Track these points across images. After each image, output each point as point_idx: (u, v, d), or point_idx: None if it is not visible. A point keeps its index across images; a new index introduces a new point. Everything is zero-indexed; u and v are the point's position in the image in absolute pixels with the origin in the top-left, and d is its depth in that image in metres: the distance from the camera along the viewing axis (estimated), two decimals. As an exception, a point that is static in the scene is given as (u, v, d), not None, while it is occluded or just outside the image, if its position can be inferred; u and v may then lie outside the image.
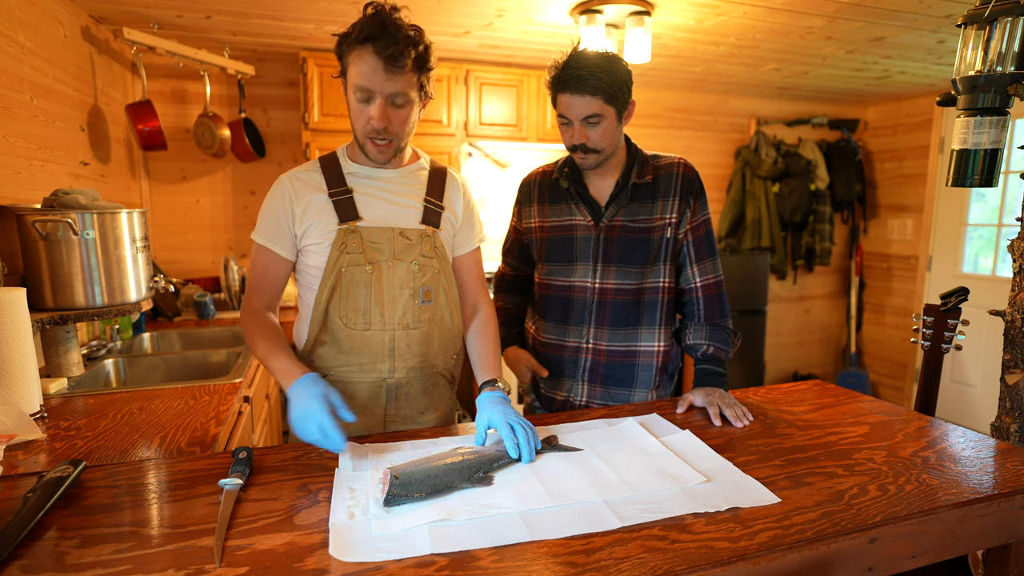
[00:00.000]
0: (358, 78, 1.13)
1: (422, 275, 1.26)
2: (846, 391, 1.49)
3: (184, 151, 3.03)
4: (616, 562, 0.76)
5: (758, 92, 3.97)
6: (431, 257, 1.28)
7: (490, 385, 1.23)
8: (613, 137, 1.37)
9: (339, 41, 1.16)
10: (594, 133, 1.33)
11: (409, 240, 1.26)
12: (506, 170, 3.62)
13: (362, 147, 1.22)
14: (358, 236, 1.22)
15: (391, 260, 1.24)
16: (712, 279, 1.47)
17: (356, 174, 1.27)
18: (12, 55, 1.78)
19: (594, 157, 1.37)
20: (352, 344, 1.24)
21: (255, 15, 2.44)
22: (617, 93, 1.31)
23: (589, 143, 1.34)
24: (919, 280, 4.15)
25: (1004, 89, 1.22)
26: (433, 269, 1.28)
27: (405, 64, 1.11)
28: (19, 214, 1.61)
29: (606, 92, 1.29)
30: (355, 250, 1.22)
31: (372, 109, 1.15)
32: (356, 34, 1.11)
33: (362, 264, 1.22)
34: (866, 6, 2.33)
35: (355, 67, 1.13)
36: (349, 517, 0.86)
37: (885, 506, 0.91)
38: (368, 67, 1.11)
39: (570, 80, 1.29)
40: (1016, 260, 1.46)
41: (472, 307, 1.40)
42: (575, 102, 1.31)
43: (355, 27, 1.12)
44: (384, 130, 1.17)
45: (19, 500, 0.89)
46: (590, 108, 1.30)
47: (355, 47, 1.12)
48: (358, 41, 1.11)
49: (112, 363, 2.00)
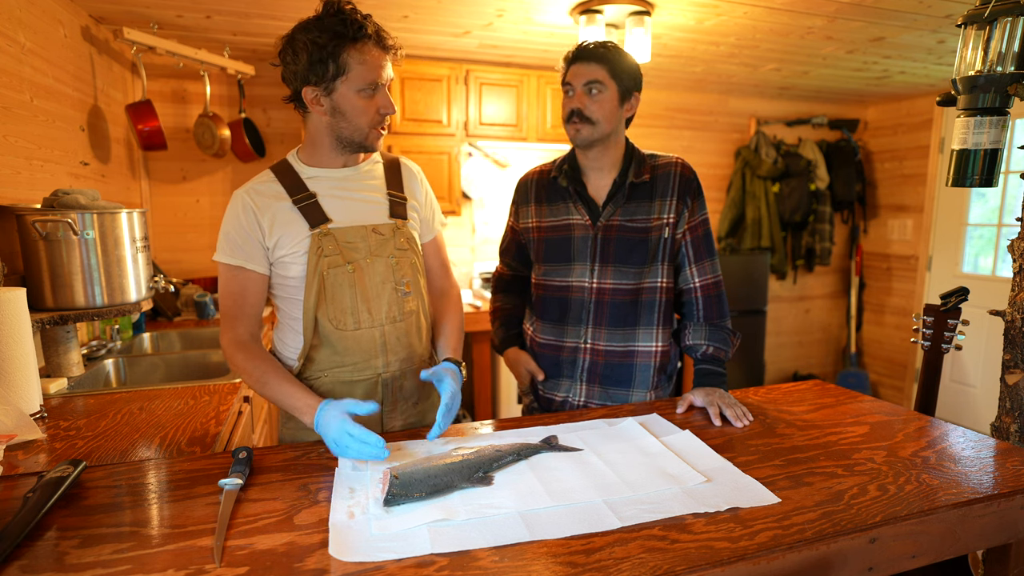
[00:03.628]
0: (370, 74, 1.14)
1: (400, 268, 1.28)
2: (846, 391, 1.49)
3: (184, 151, 3.03)
4: (616, 562, 0.76)
5: (758, 92, 3.97)
6: (405, 249, 1.29)
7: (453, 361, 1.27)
8: (611, 114, 1.38)
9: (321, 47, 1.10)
10: (592, 102, 1.37)
11: (382, 235, 1.27)
12: (506, 170, 3.62)
13: (362, 142, 1.22)
14: (332, 238, 1.21)
15: (368, 257, 1.24)
16: (711, 279, 1.47)
17: (316, 177, 1.25)
18: (12, 55, 1.78)
19: (588, 129, 1.38)
20: (345, 345, 1.24)
21: (255, 15, 2.44)
22: (621, 72, 1.37)
23: (585, 110, 1.37)
24: (919, 280, 4.15)
25: (1004, 89, 1.22)
26: (409, 260, 1.30)
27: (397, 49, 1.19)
28: (19, 214, 1.62)
29: (611, 65, 1.36)
30: (332, 252, 1.21)
31: (380, 99, 1.18)
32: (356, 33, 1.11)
33: (342, 265, 1.22)
34: (866, 6, 2.33)
35: (363, 65, 1.13)
36: (349, 517, 0.86)
37: (885, 506, 0.91)
38: (376, 61, 1.15)
39: (580, 52, 1.39)
40: (1016, 260, 1.45)
41: (439, 290, 1.44)
42: (580, 70, 1.38)
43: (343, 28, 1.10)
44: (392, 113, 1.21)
45: (19, 500, 0.89)
46: (592, 75, 1.36)
47: (358, 45, 1.12)
48: (362, 39, 1.12)
49: (112, 363, 2.00)
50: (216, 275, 3.13)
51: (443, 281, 1.45)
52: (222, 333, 1.22)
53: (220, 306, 1.23)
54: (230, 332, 1.21)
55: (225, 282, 1.22)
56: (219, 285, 1.23)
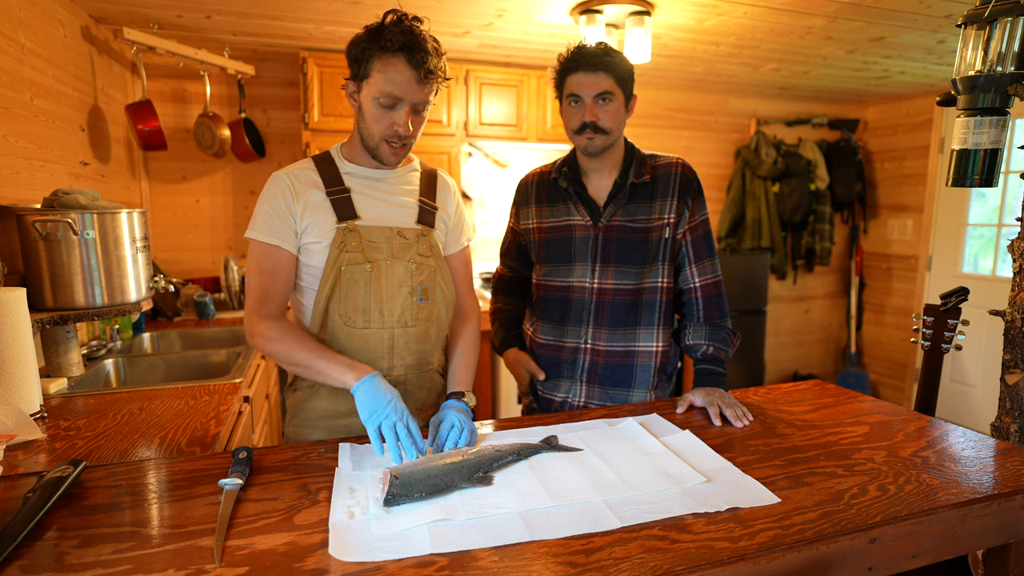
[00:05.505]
0: (388, 85, 1.14)
1: (419, 273, 1.27)
2: (846, 391, 1.49)
3: (184, 151, 3.03)
4: (616, 562, 0.76)
5: (758, 92, 3.97)
6: (428, 256, 1.29)
7: (456, 396, 1.27)
8: (620, 122, 1.39)
9: (358, 45, 1.16)
10: (605, 113, 1.36)
11: (406, 239, 1.27)
12: (506, 170, 3.62)
13: (374, 150, 1.23)
14: (357, 235, 1.23)
15: (389, 259, 1.25)
16: (711, 279, 1.47)
17: (353, 174, 1.28)
18: (12, 55, 1.78)
19: (602, 139, 1.38)
20: (352, 342, 1.25)
21: (255, 15, 2.44)
22: (625, 78, 1.37)
23: (599, 122, 1.36)
24: (919, 280, 4.15)
25: (1004, 89, 1.22)
26: (430, 268, 1.29)
27: (437, 76, 1.17)
28: (19, 214, 1.62)
29: (617, 73, 1.35)
30: (354, 249, 1.22)
31: (397, 116, 1.18)
32: (386, 42, 1.12)
33: (361, 263, 1.22)
34: (866, 6, 2.33)
35: (383, 74, 1.14)
36: (349, 517, 0.86)
37: (885, 506, 0.91)
38: (401, 76, 1.14)
39: (584, 59, 1.34)
40: (1016, 260, 1.45)
41: (458, 307, 1.42)
42: (588, 79, 1.34)
43: (380, 34, 1.13)
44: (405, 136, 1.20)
45: (19, 500, 0.89)
46: (603, 85, 1.34)
47: (385, 55, 1.13)
48: (390, 50, 1.13)
49: (112, 363, 2.00)
50: (216, 275, 3.14)
51: (463, 299, 1.43)
52: (249, 311, 1.22)
53: (249, 285, 1.23)
54: (261, 309, 1.21)
55: (257, 260, 1.22)
56: (249, 264, 1.23)
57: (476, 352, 1.40)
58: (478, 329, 1.44)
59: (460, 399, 1.25)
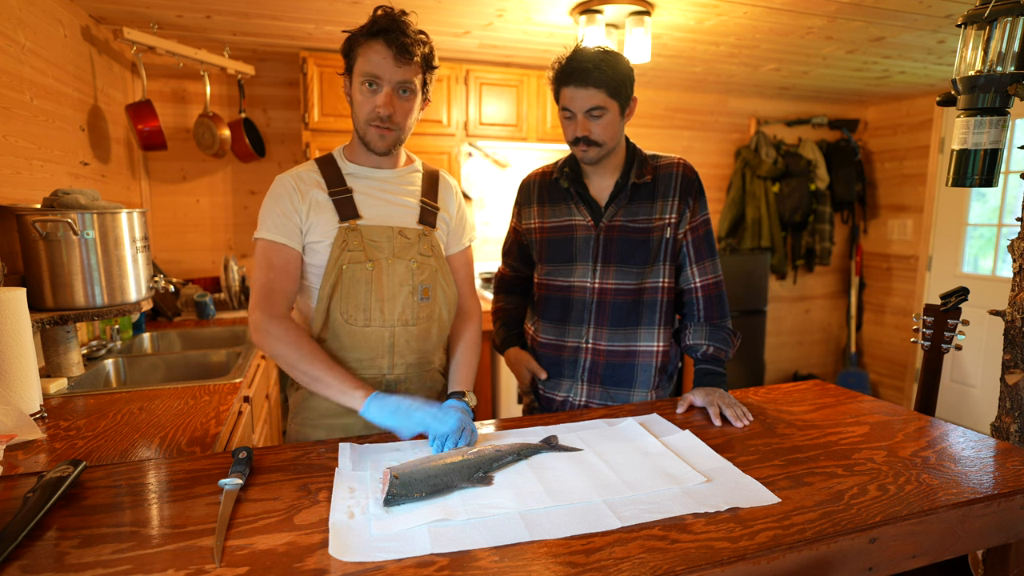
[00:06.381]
0: (367, 66, 1.18)
1: (420, 273, 1.28)
2: (846, 391, 1.49)
3: (184, 151, 3.03)
4: (616, 562, 0.76)
5: (758, 92, 3.97)
6: (429, 255, 1.30)
7: (457, 396, 1.27)
8: (615, 132, 1.38)
9: (347, 39, 1.21)
10: (597, 126, 1.34)
11: (408, 239, 1.28)
12: (506, 170, 3.62)
13: (363, 136, 1.25)
14: (358, 234, 1.24)
15: (390, 258, 1.26)
16: (712, 279, 1.47)
17: (355, 174, 1.29)
18: (12, 55, 1.78)
19: (596, 151, 1.38)
20: (353, 340, 1.25)
21: (255, 15, 2.44)
22: (620, 88, 1.33)
23: (592, 136, 1.35)
24: (919, 280, 4.15)
25: (1004, 89, 1.22)
26: (431, 267, 1.30)
27: (414, 56, 1.18)
28: (19, 214, 1.62)
29: (610, 85, 1.31)
30: (356, 248, 1.23)
31: (379, 97, 1.19)
32: (366, 29, 1.17)
33: (362, 262, 1.23)
34: (866, 6, 2.33)
35: (364, 58, 1.18)
36: (349, 517, 0.86)
37: (885, 506, 0.91)
38: (378, 56, 1.17)
39: (574, 73, 1.31)
40: (1016, 260, 1.45)
41: (460, 307, 1.43)
42: (579, 94, 1.32)
43: (365, 25, 1.18)
44: (389, 118, 1.21)
45: (19, 500, 0.89)
46: (594, 100, 1.32)
47: (365, 40, 1.18)
48: (369, 35, 1.17)
49: (112, 363, 2.00)
50: (216, 275, 3.14)
51: (464, 300, 1.43)
52: (254, 310, 1.20)
53: (255, 284, 1.23)
54: (268, 306, 1.20)
55: (265, 259, 1.23)
56: (256, 264, 1.24)
57: (477, 352, 1.40)
58: (479, 329, 1.44)
59: (461, 399, 1.25)
